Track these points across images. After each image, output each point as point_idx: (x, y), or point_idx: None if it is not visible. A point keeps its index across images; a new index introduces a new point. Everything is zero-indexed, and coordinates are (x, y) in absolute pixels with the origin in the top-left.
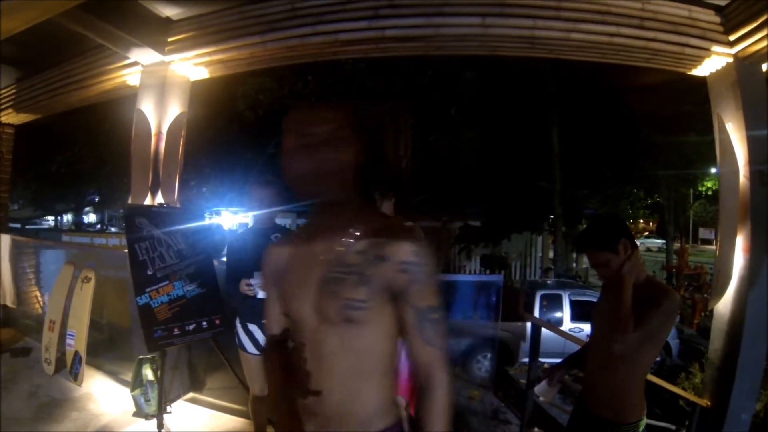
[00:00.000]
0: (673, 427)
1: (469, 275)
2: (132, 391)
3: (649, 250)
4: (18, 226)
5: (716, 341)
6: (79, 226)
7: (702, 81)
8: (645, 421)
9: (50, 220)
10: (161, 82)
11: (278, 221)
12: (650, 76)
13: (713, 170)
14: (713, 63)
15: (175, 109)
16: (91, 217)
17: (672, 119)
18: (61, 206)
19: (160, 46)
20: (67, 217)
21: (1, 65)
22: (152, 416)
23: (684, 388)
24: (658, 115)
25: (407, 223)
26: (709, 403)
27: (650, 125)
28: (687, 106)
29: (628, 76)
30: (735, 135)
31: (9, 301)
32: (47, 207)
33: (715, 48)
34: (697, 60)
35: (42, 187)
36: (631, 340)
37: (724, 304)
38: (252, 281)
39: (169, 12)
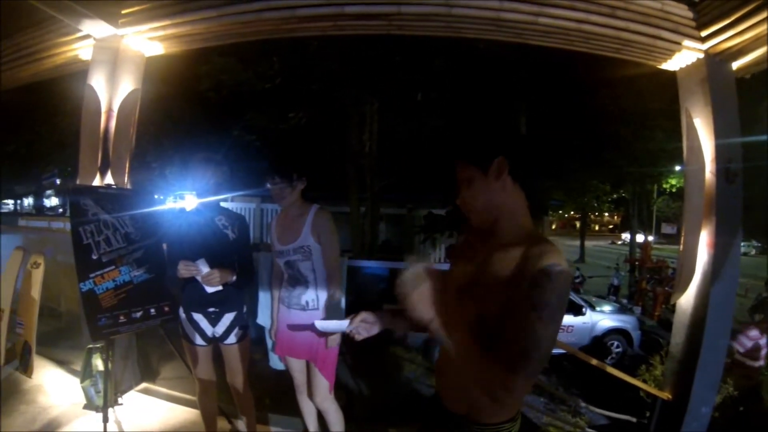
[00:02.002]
0: (634, 420)
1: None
2: (82, 382)
3: (613, 243)
4: None
5: (678, 335)
6: (40, 210)
7: (672, 78)
8: (518, 424)
9: (9, 204)
10: (113, 56)
11: (231, 205)
12: (621, 70)
13: (678, 167)
14: (684, 58)
15: (127, 85)
16: (53, 201)
17: (640, 115)
18: (21, 189)
19: (112, 18)
20: (28, 201)
21: None
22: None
23: (645, 380)
24: (627, 111)
25: (313, 205)
26: (670, 396)
27: (619, 120)
28: (656, 103)
29: (599, 68)
30: (703, 131)
31: None
32: (5, 190)
33: (687, 42)
34: (668, 54)
35: None
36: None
37: (687, 299)
38: (194, 265)
39: None
